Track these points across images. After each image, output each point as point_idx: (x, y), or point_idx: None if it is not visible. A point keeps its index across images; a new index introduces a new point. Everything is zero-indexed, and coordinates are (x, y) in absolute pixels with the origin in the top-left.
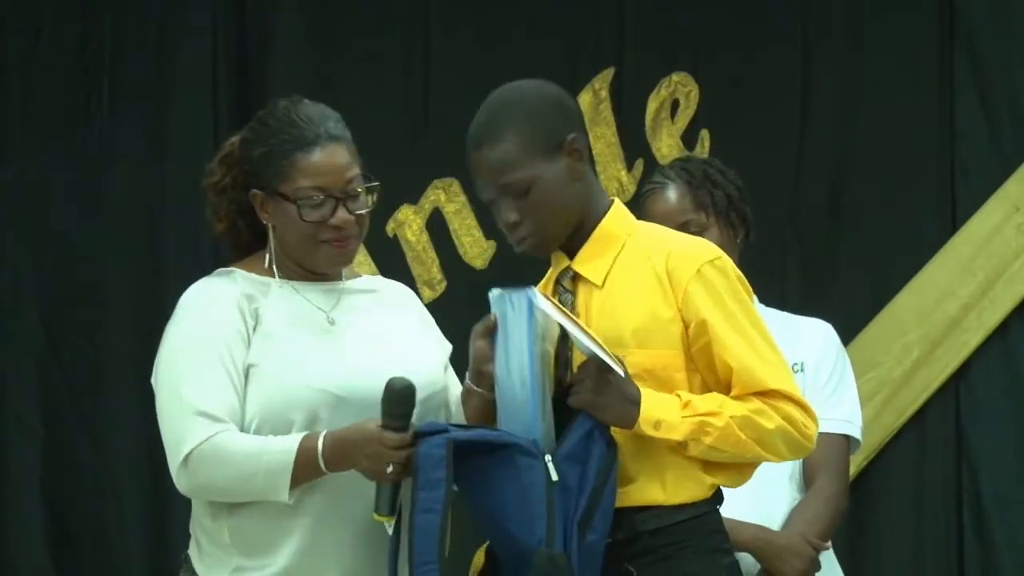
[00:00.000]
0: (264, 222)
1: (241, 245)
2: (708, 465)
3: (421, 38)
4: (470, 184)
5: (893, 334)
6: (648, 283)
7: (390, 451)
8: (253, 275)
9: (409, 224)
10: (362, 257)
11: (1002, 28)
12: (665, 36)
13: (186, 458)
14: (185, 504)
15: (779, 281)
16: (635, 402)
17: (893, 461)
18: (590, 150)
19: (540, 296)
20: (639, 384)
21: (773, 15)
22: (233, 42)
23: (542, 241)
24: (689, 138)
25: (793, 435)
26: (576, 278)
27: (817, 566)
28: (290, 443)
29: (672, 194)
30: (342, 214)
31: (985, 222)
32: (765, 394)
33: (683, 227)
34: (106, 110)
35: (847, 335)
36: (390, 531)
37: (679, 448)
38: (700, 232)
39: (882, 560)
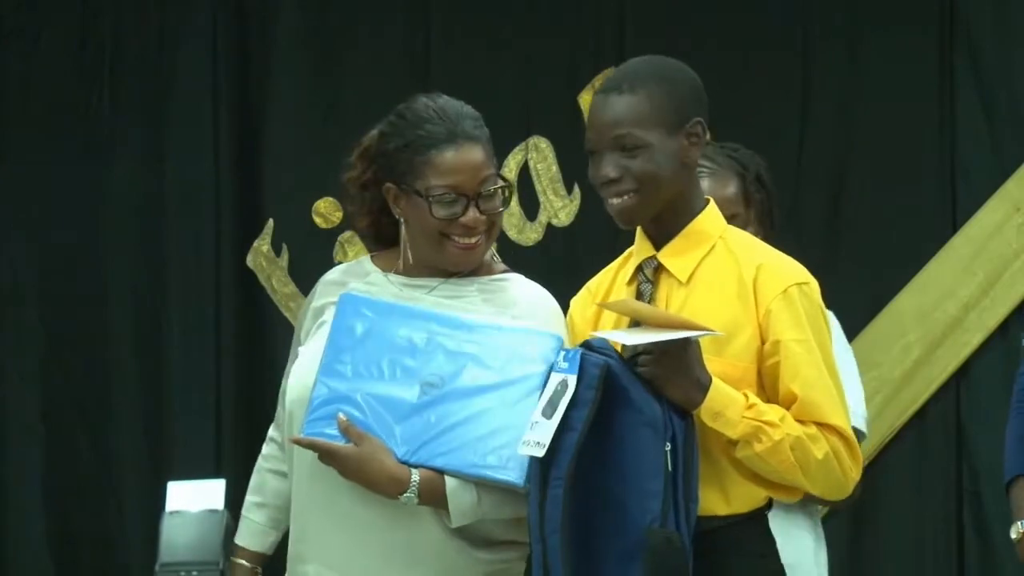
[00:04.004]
0: (396, 216)
1: (383, 240)
2: (762, 479)
3: (421, 38)
4: None
5: (893, 334)
6: (733, 291)
7: None
8: (371, 265)
9: None
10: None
11: (1002, 28)
12: (665, 36)
13: None
14: None
15: None
16: (703, 388)
17: (893, 461)
18: (704, 142)
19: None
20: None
21: (773, 16)
22: (233, 42)
23: (634, 206)
24: None
25: (836, 471)
26: (659, 269)
27: None
28: None
29: (726, 184)
30: (473, 213)
31: (985, 222)
32: (822, 426)
33: (729, 220)
34: (106, 110)
35: (847, 335)
36: None
37: (728, 446)
38: (741, 228)
39: (882, 559)
